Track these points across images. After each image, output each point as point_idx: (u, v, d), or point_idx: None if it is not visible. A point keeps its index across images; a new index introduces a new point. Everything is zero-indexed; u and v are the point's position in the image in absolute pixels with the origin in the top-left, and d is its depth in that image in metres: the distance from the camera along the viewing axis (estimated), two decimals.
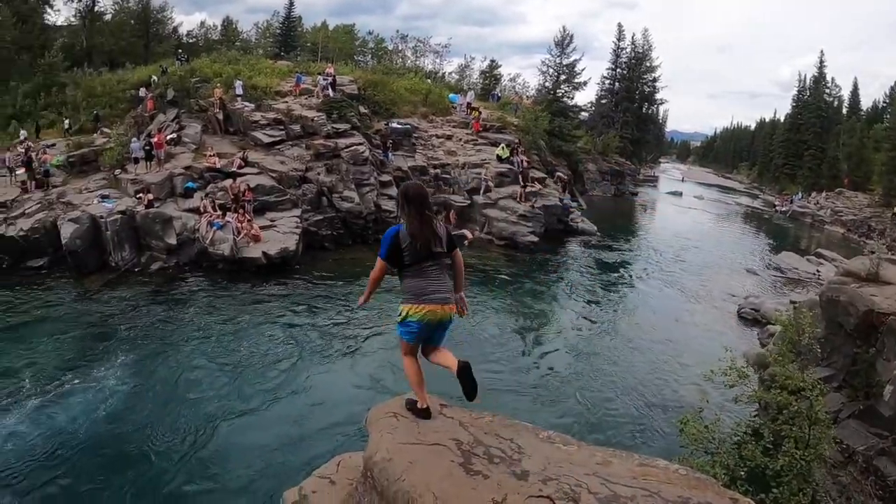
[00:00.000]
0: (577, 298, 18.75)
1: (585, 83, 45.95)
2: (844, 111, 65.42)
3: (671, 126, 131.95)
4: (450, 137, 28.12)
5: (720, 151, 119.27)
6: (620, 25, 57.09)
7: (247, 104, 24.56)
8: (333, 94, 25.78)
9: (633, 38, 57.39)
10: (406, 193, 3.72)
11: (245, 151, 22.27)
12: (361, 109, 26.35)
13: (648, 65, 57.74)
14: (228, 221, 18.32)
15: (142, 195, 18.76)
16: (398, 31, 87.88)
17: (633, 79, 56.78)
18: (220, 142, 23.43)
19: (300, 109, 24.63)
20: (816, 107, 62.50)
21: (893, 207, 41.66)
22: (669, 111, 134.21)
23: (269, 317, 14.94)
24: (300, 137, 23.65)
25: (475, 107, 31.61)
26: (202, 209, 18.99)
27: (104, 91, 28.10)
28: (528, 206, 24.37)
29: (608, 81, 57.80)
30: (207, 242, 17.92)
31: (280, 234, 19.18)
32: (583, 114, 51.91)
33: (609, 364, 13.73)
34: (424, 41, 57.38)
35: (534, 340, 14.98)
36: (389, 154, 24.89)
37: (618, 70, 57.32)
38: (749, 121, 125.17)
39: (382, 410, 4.06)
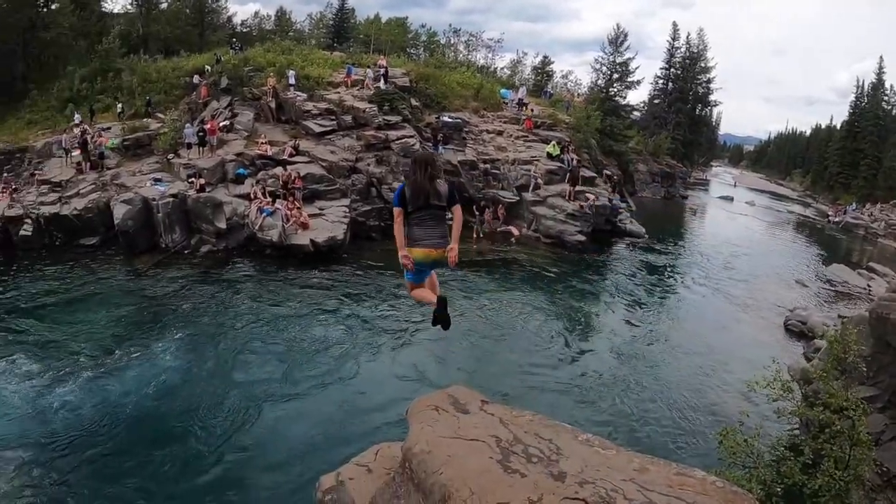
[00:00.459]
0: (622, 301, 18.24)
1: (639, 82, 44.60)
2: None
3: (724, 129, 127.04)
4: (500, 133, 27.49)
5: (773, 157, 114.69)
6: (675, 24, 55.24)
7: (299, 94, 24.54)
8: (385, 86, 25.54)
9: (688, 38, 55.09)
10: (415, 157, 4.42)
11: (296, 140, 22.26)
12: (413, 102, 26.00)
13: (703, 65, 55.51)
14: (278, 208, 18.32)
15: (194, 179, 18.98)
16: (451, 25, 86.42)
17: (688, 79, 54.75)
18: (272, 130, 23.47)
19: (352, 100, 24.47)
20: (874, 114, 58.98)
21: None
22: (723, 114, 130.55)
23: (317, 304, 14.82)
24: (351, 128, 23.51)
25: (527, 103, 30.90)
26: (252, 195, 19.03)
27: (159, 77, 28.46)
28: (577, 206, 23.59)
29: (661, 81, 55.80)
30: (256, 228, 17.97)
31: (328, 223, 19.03)
32: (635, 113, 50.12)
33: (651, 369, 13.36)
34: (477, 35, 55.79)
35: (577, 340, 14.67)
36: (440, 147, 24.41)
37: (672, 70, 55.26)
38: (804, 126, 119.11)
39: (424, 403, 4.16)
